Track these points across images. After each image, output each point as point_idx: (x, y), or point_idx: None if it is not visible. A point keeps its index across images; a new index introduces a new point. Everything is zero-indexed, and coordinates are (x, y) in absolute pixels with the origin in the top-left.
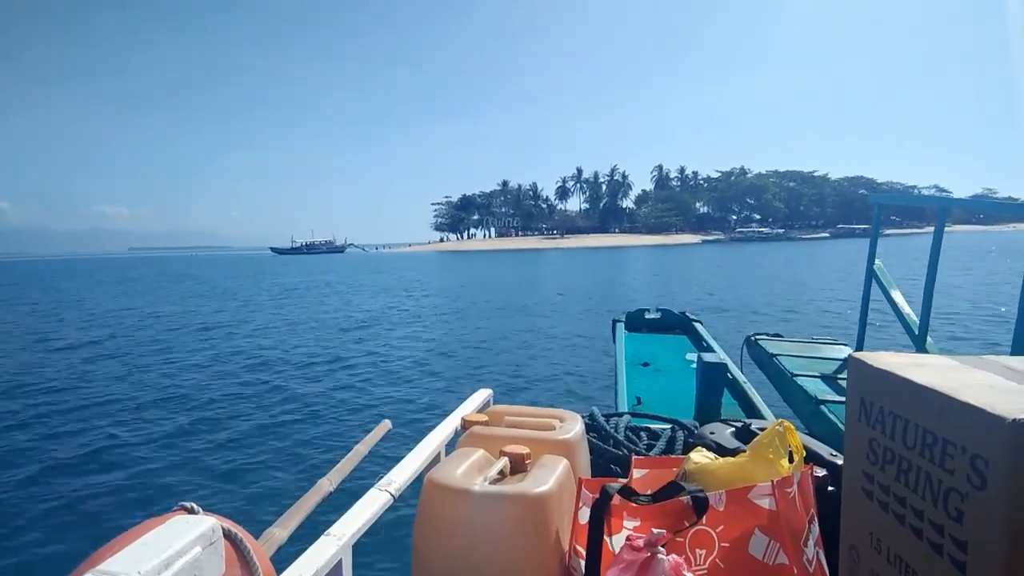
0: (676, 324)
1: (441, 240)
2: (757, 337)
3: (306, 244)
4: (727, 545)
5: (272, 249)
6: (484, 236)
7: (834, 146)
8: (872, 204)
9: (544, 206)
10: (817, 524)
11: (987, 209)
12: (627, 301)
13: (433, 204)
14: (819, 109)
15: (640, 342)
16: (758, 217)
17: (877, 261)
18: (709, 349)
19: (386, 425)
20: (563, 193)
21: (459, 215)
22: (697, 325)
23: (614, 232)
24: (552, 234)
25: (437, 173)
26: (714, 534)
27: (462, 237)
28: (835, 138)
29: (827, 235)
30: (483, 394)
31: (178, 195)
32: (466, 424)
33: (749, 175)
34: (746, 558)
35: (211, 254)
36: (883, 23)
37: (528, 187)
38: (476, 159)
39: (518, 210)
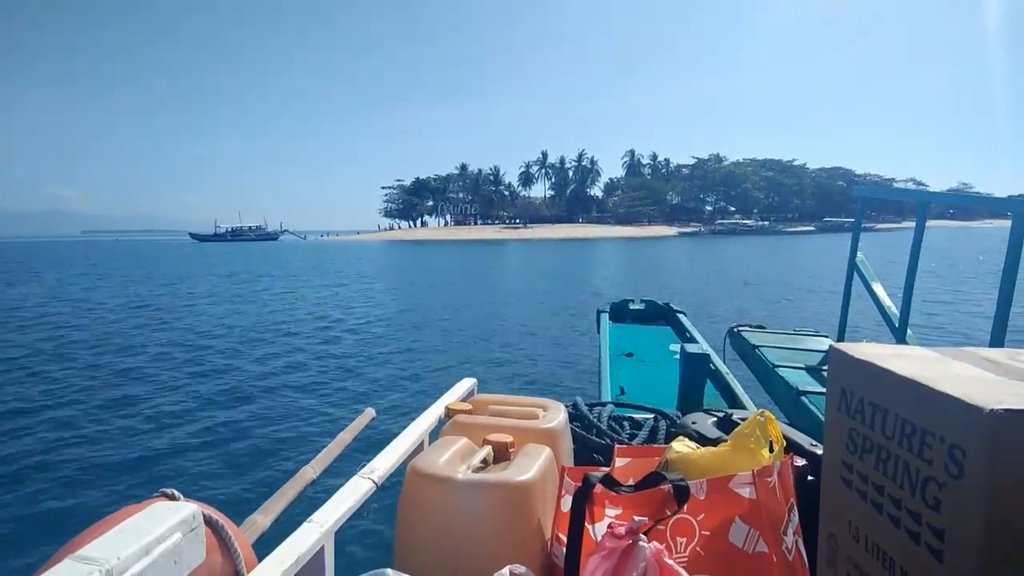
0: (660, 315)
1: (390, 228)
2: (740, 328)
3: (231, 230)
4: (707, 533)
5: (191, 235)
6: (439, 224)
7: (809, 137)
8: (855, 197)
9: (506, 192)
10: (797, 513)
11: (969, 204)
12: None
13: (384, 188)
14: (793, 100)
15: (624, 332)
16: (732, 209)
17: (859, 254)
18: (692, 340)
19: (370, 413)
20: (527, 179)
21: (411, 200)
22: (681, 316)
23: (581, 222)
24: (514, 223)
25: (398, 162)
26: (695, 522)
27: (414, 224)
28: (810, 129)
29: (812, 228)
30: (467, 383)
31: (134, 178)
32: (450, 412)
33: (725, 163)
34: (726, 546)
35: (132, 239)
36: (860, 16)
37: (489, 171)
38: (438, 149)
39: (477, 196)
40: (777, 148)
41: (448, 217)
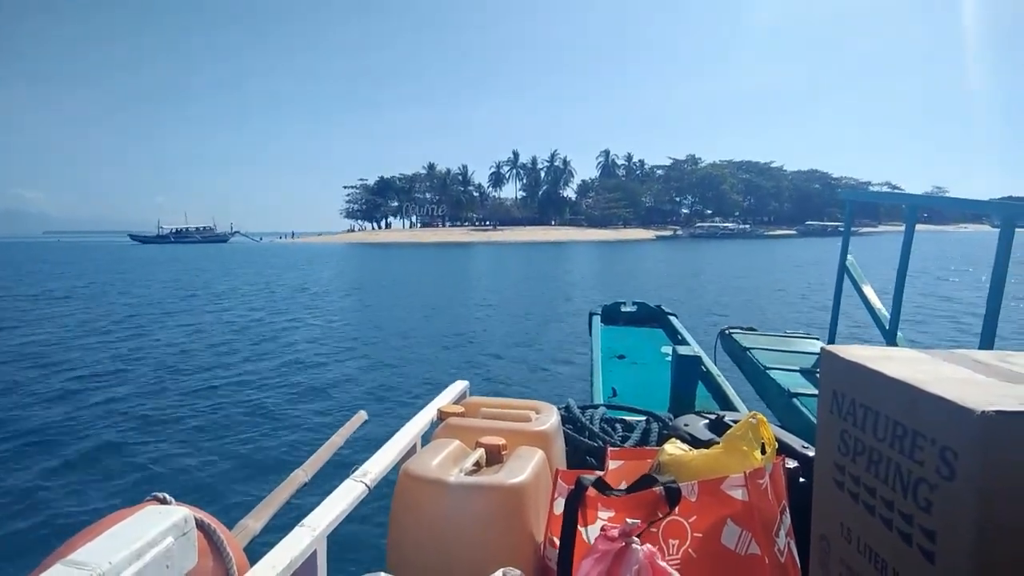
0: (652, 317)
1: (351, 230)
2: (731, 330)
3: (175, 231)
4: (700, 535)
5: (131, 236)
6: (404, 225)
7: (784, 139)
8: (842, 200)
9: (475, 193)
10: (789, 515)
11: (958, 207)
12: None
13: (346, 188)
14: (769, 102)
15: (616, 335)
16: (709, 211)
17: (849, 256)
18: (684, 342)
19: (362, 416)
20: (497, 180)
21: (375, 200)
22: (672, 318)
23: (554, 224)
24: (484, 225)
25: (374, 163)
26: (687, 524)
27: (379, 226)
28: (785, 131)
29: (794, 232)
30: (459, 385)
31: (103, 179)
32: (442, 415)
33: (702, 164)
34: (718, 548)
35: (72, 240)
36: (834, 20)
37: (457, 171)
38: (412, 151)
39: (445, 196)
40: (753, 149)
41: (414, 218)
